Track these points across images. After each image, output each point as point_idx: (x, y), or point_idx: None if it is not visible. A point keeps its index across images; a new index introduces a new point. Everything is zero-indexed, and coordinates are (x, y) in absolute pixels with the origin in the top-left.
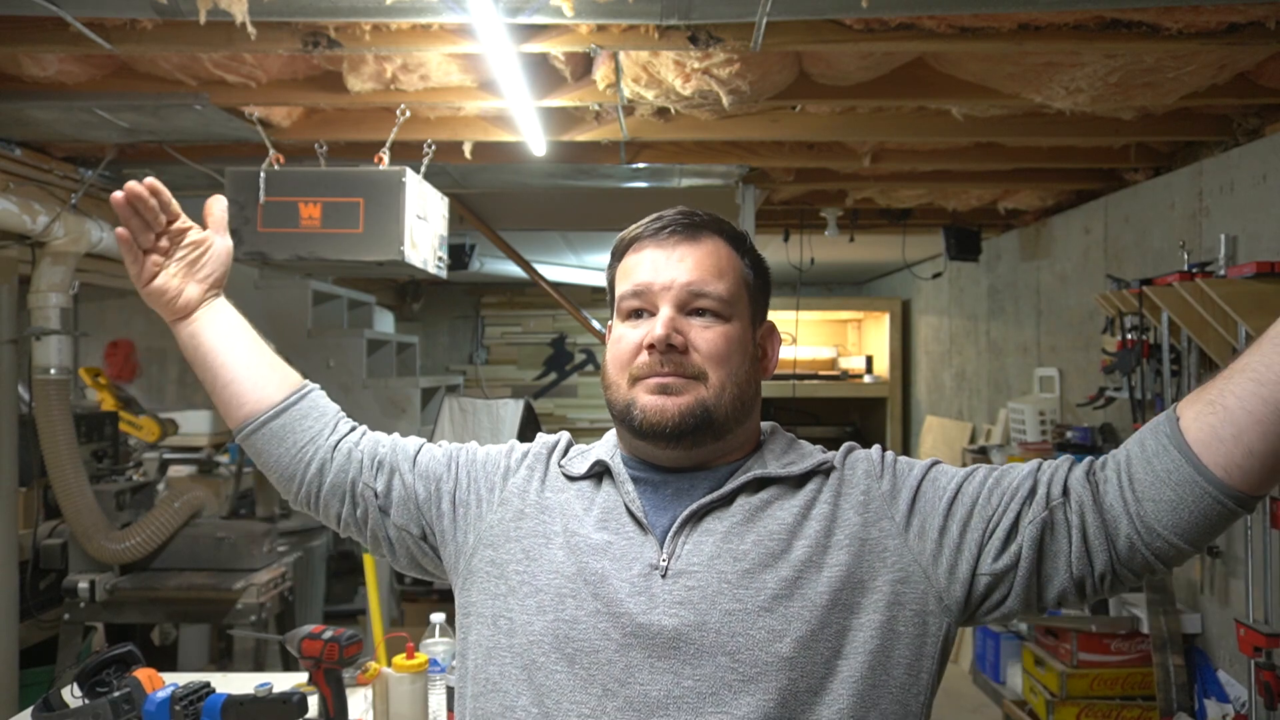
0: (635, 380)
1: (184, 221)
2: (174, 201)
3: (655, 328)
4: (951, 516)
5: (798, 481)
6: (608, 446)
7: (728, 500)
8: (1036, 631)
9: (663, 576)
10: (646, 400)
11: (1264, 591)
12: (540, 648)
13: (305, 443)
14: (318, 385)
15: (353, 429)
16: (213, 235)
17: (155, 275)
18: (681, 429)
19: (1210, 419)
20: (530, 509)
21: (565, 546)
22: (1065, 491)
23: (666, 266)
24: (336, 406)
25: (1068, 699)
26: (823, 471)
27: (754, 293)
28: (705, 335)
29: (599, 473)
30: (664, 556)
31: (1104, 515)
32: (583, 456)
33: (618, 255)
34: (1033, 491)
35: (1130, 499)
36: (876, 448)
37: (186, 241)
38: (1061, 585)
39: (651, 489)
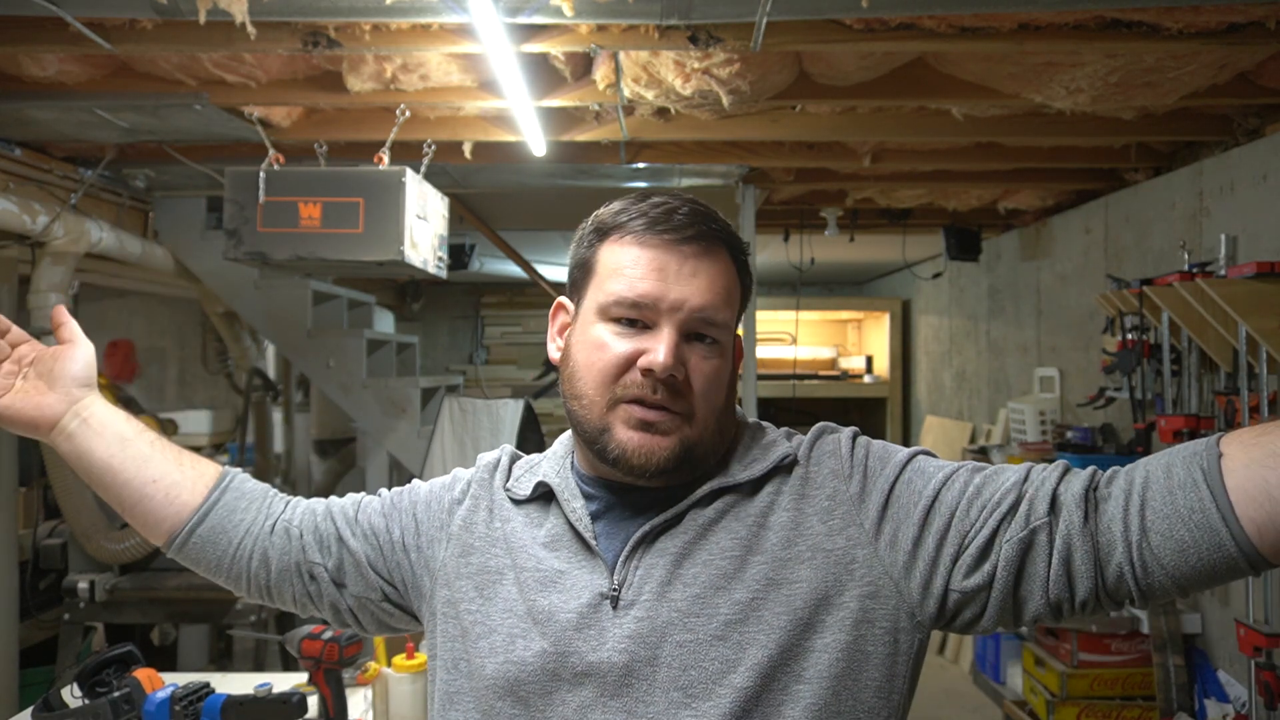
0: (616, 402)
1: (20, 337)
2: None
3: (657, 353)
4: (928, 527)
5: (754, 485)
6: (554, 461)
7: (680, 516)
8: (1036, 632)
9: (613, 607)
10: (627, 437)
11: (1264, 591)
12: (495, 691)
13: (241, 536)
14: (237, 470)
15: (286, 504)
16: (69, 349)
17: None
18: (663, 470)
19: (1266, 473)
20: (479, 542)
21: (516, 582)
22: (1054, 508)
23: (677, 281)
24: (265, 486)
25: (1068, 699)
26: (784, 468)
27: (740, 311)
28: (703, 368)
29: (546, 493)
30: (614, 585)
31: (1096, 539)
32: (530, 474)
33: (605, 232)
34: (1015, 506)
35: (1135, 527)
36: (849, 434)
37: (31, 360)
38: (1037, 608)
39: (604, 507)
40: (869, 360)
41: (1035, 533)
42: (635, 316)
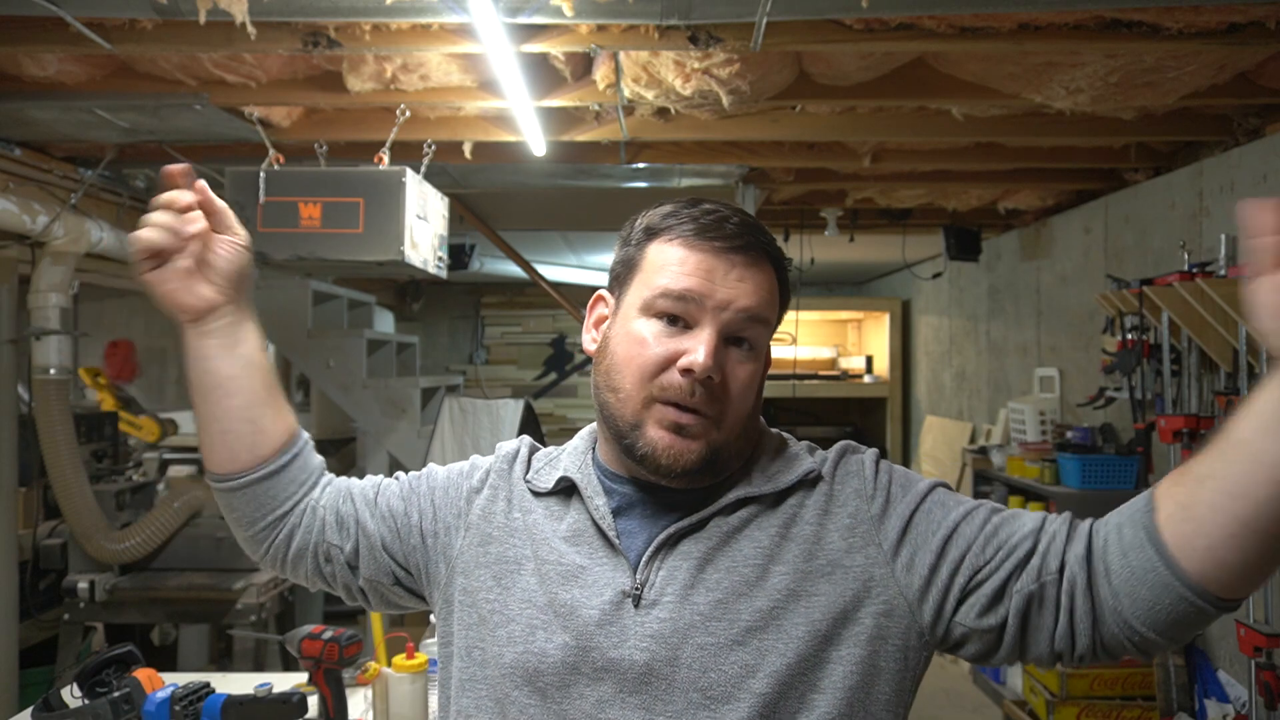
0: (653, 401)
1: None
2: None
3: (697, 353)
4: (944, 557)
5: (778, 497)
6: (576, 455)
7: (704, 522)
8: None
9: (635, 605)
10: (659, 436)
11: (1264, 591)
12: (512, 680)
13: (285, 511)
14: (306, 434)
15: (322, 486)
16: (221, 241)
17: (165, 264)
18: (689, 473)
19: (1184, 526)
20: (498, 532)
21: (536, 574)
22: (1063, 566)
23: (724, 283)
24: (320, 461)
25: (1068, 699)
26: (808, 482)
27: (777, 323)
28: (739, 373)
29: (568, 487)
30: (636, 583)
31: (1094, 601)
32: (550, 466)
33: (654, 233)
34: (1029, 556)
35: (1108, 592)
36: (872, 456)
37: (200, 237)
38: (1039, 653)
39: (625, 504)
40: (869, 360)
41: (1044, 588)
42: (678, 312)
